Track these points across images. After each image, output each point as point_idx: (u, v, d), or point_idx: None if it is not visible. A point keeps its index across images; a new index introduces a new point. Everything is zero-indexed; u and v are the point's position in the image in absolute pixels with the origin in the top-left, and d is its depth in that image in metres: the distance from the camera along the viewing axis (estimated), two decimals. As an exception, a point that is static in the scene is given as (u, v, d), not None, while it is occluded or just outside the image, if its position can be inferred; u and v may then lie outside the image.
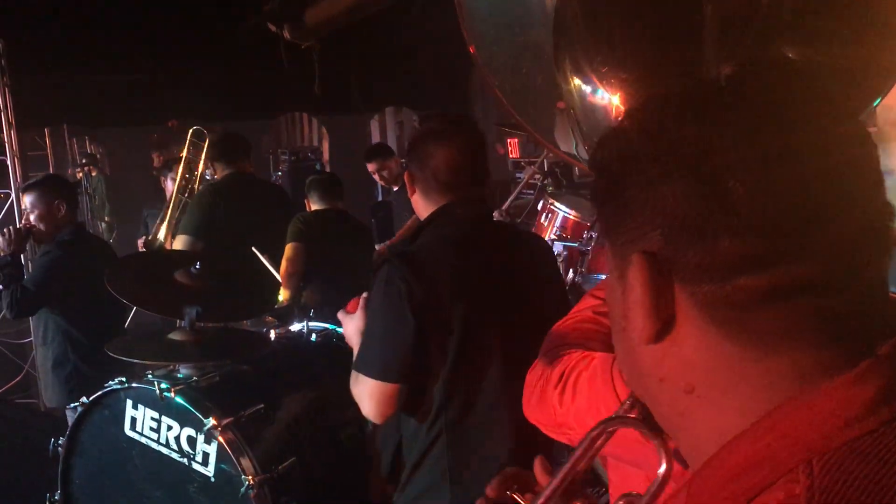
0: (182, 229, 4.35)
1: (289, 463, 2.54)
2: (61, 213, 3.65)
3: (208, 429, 2.44)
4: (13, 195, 5.81)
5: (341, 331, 3.18)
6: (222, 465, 2.47)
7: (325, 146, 11.90)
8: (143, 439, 2.62)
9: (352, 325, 2.02)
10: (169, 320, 4.15)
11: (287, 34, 5.58)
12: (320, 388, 2.94)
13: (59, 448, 2.80)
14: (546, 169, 5.12)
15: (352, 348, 2.01)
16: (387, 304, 1.86)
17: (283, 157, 11.09)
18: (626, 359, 0.69)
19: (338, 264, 4.31)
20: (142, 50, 6.73)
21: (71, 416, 3.64)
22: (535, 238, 2.62)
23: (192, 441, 2.53)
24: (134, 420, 2.64)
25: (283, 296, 4.13)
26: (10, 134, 5.77)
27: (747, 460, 0.55)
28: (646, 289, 0.60)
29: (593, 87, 1.17)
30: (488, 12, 1.54)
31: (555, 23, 1.25)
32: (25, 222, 3.69)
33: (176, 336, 2.78)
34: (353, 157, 6.21)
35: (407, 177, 2.05)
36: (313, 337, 3.22)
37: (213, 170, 4.83)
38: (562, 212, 4.00)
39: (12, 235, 3.58)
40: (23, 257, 4.01)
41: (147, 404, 2.61)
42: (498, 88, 1.47)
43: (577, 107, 1.24)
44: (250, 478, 2.40)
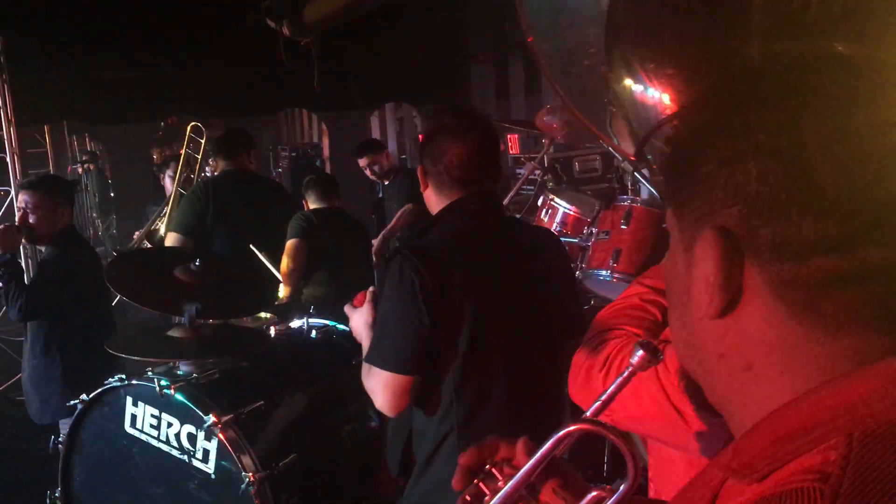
0: (172, 227, 4.35)
1: (289, 459, 2.54)
2: (63, 218, 3.62)
3: (208, 426, 2.43)
4: (13, 192, 5.82)
5: (341, 327, 3.21)
6: (223, 462, 2.47)
7: (326, 142, 11.88)
8: (144, 436, 2.62)
9: (359, 318, 2.03)
10: (166, 317, 4.17)
11: (286, 31, 5.57)
12: (320, 384, 2.95)
13: (60, 445, 2.80)
14: (546, 165, 5.11)
15: (359, 342, 2.03)
16: (400, 296, 1.86)
17: (284, 154, 11.10)
18: (682, 333, 0.69)
19: (337, 261, 4.33)
20: (141, 47, 6.73)
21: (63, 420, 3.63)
22: (546, 232, 2.63)
23: (192, 438, 2.52)
24: (134, 417, 2.64)
25: (282, 292, 4.14)
26: (9, 131, 5.76)
27: (793, 427, 0.56)
28: (718, 264, 0.61)
29: (643, 85, 1.18)
30: (545, 5, 1.54)
31: (607, 22, 1.26)
32: (21, 219, 3.58)
33: (176, 333, 2.78)
34: (353, 153, 6.22)
35: (420, 172, 2.06)
36: (313, 333, 3.22)
37: (214, 165, 4.83)
38: (562, 207, 3.99)
39: (8, 234, 3.48)
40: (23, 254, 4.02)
41: (147, 401, 2.61)
42: (553, 79, 1.48)
43: (627, 106, 1.24)
44: (251, 475, 2.39)
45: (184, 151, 5.99)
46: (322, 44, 5.88)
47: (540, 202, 4.25)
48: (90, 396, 2.69)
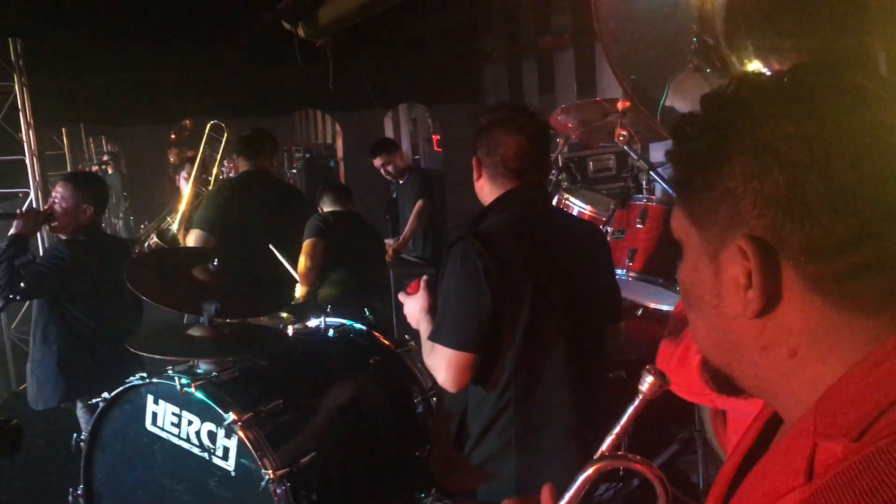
0: (195, 224, 4.40)
1: (309, 458, 2.55)
2: (86, 214, 3.72)
3: (228, 424, 2.45)
4: (31, 194, 5.88)
5: (358, 327, 3.24)
6: (242, 460, 2.49)
7: (339, 143, 11.92)
8: (164, 434, 2.64)
9: (414, 304, 2.17)
10: (180, 316, 4.21)
11: (301, 32, 5.60)
12: (338, 382, 2.96)
13: (81, 443, 2.82)
14: (560, 164, 5.11)
15: (415, 327, 2.18)
16: (463, 278, 1.98)
17: (298, 154, 11.14)
18: (712, 333, 0.74)
19: (353, 262, 4.37)
20: (157, 49, 6.78)
21: (81, 414, 3.69)
22: (589, 223, 2.79)
23: (212, 436, 2.55)
24: (155, 415, 2.66)
25: (299, 292, 4.17)
26: (28, 133, 5.83)
27: (868, 389, 0.62)
28: (757, 270, 0.66)
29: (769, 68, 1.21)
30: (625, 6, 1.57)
31: (727, 12, 1.29)
32: (48, 207, 3.78)
33: (195, 332, 2.80)
34: (367, 153, 6.26)
35: (475, 162, 2.16)
36: (331, 332, 3.24)
37: (235, 165, 4.86)
38: (577, 207, 3.98)
39: (30, 217, 3.71)
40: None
41: (168, 399, 2.63)
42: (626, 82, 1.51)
43: None
44: (270, 472, 2.41)
45: (201, 149, 6.04)
46: (336, 44, 5.91)
47: (555, 201, 4.25)
48: (112, 395, 2.72)
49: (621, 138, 3.30)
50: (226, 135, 6.37)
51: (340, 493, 2.71)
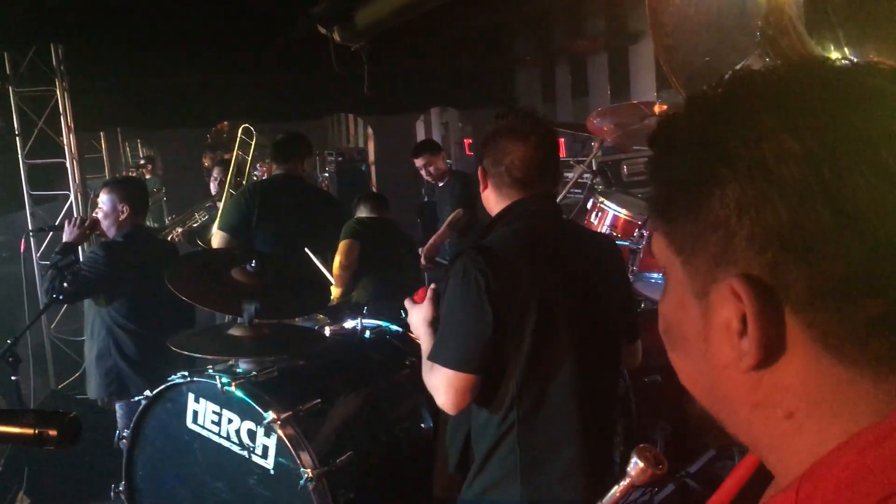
0: (217, 225, 4.48)
1: (346, 457, 2.58)
2: (123, 215, 3.80)
3: (268, 422, 2.49)
4: (71, 196, 6.00)
5: (394, 328, 3.26)
6: (281, 459, 2.52)
7: (371, 147, 11.99)
8: (205, 432, 2.68)
9: (418, 314, 2.06)
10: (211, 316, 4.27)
11: (336, 36, 5.64)
12: (375, 383, 2.99)
13: (124, 440, 2.88)
14: (595, 168, 5.10)
15: (416, 339, 2.06)
16: (465, 295, 1.87)
17: (330, 158, 11.23)
18: (700, 380, 0.63)
19: (386, 267, 4.41)
20: (192, 54, 6.88)
21: (119, 411, 3.77)
22: (603, 236, 2.64)
23: (251, 434, 2.58)
24: (196, 413, 2.70)
25: (333, 294, 4.21)
26: (68, 137, 5.95)
27: (866, 469, 0.52)
28: (754, 317, 0.55)
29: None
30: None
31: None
32: (93, 215, 3.94)
33: (235, 332, 2.84)
34: (398, 157, 6.26)
35: (480, 172, 2.07)
36: (367, 334, 3.27)
37: (264, 168, 4.92)
38: (612, 210, 3.99)
39: (77, 224, 3.87)
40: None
41: (208, 398, 2.67)
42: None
43: None
44: (309, 471, 2.44)
45: (234, 153, 6.12)
46: (371, 49, 5.95)
47: (589, 205, 4.25)
48: (154, 392, 2.77)
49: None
50: (255, 138, 6.45)
51: (376, 493, 2.73)
